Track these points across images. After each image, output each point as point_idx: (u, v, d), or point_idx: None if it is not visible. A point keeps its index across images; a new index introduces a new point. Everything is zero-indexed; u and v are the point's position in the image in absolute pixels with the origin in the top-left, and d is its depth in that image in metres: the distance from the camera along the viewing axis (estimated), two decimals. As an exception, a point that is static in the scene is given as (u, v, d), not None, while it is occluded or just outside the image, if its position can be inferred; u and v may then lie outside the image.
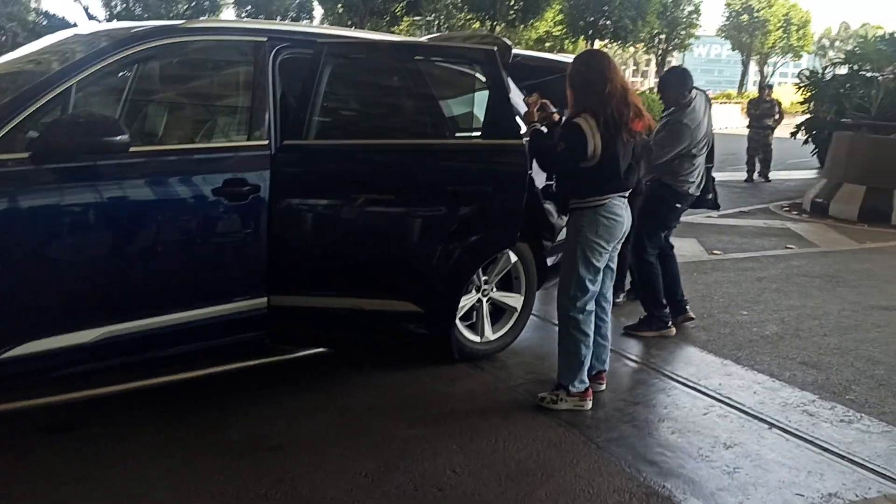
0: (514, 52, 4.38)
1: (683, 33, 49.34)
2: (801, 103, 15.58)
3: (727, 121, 30.40)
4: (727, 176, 13.39)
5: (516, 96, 4.07)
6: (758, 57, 63.11)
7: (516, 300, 4.36)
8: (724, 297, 5.93)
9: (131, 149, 3.04)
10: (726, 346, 4.75)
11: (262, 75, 3.50)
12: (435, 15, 40.26)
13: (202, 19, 5.67)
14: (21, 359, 2.90)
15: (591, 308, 3.67)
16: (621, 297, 5.46)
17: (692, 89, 4.71)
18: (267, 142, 3.45)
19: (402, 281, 3.60)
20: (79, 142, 2.91)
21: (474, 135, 4.06)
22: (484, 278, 4.16)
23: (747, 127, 14.05)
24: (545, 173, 3.83)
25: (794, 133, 15.17)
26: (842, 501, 2.99)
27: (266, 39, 3.55)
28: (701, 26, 52.14)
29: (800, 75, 15.82)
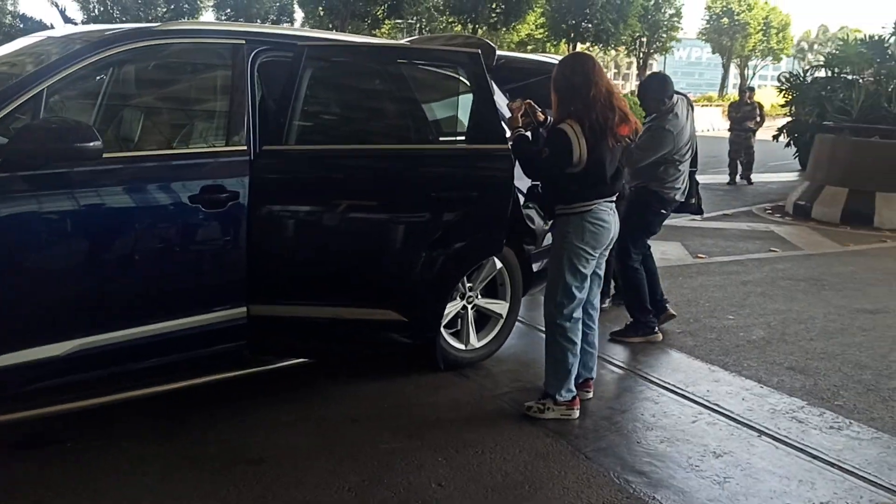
0: (497, 53, 4.33)
1: (665, 36, 49.57)
2: (783, 106, 15.65)
3: (709, 123, 30.62)
4: (709, 179, 13.42)
5: (500, 100, 4.00)
6: (738, 60, 63.56)
7: (501, 307, 4.30)
8: (710, 301, 5.90)
9: (105, 155, 2.95)
10: (713, 352, 4.71)
11: (241, 79, 3.41)
12: (417, 18, 40.19)
13: (178, 22, 5.56)
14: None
15: (578, 315, 3.61)
16: (607, 303, 5.41)
17: (673, 95, 4.66)
18: (245, 147, 3.36)
19: (385, 289, 3.52)
20: (50, 148, 2.81)
21: (458, 139, 4.00)
22: (469, 285, 4.09)
23: (729, 130, 14.10)
24: (529, 179, 3.76)
25: (776, 136, 15.24)
26: (834, 511, 2.95)
27: (244, 42, 3.47)
28: (682, 29, 52.49)
29: (780, 78, 15.90)
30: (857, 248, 8.36)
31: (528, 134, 3.59)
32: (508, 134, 3.58)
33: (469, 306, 4.14)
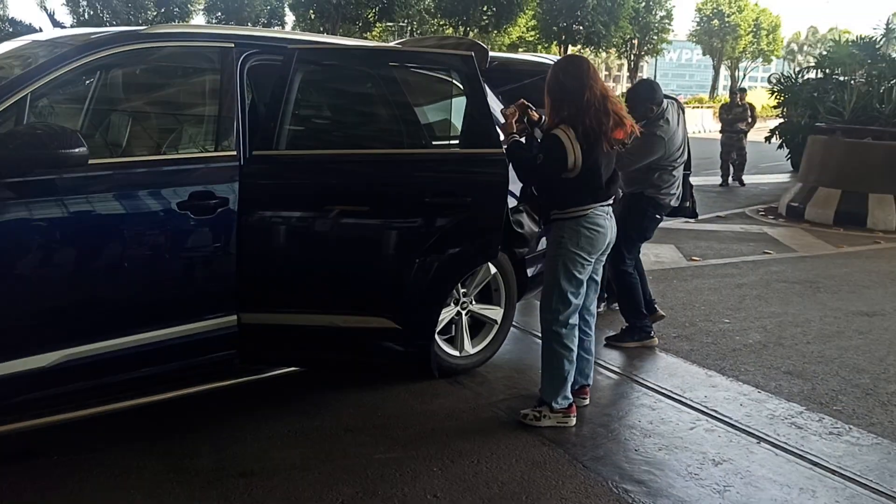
0: (490, 55, 4.27)
1: (656, 38, 49.66)
2: (775, 107, 15.66)
3: (700, 125, 30.68)
4: (702, 180, 13.38)
5: (494, 104, 3.94)
6: (728, 61, 63.78)
7: (496, 313, 4.24)
8: (706, 304, 5.86)
9: (91, 161, 2.88)
10: (710, 356, 4.67)
11: (230, 83, 3.35)
12: (408, 21, 40.15)
13: (166, 25, 5.44)
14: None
15: (574, 322, 3.55)
16: (602, 307, 5.36)
17: (662, 100, 4.59)
18: (235, 152, 3.30)
19: (378, 297, 3.45)
20: (34, 155, 2.75)
21: (452, 143, 3.94)
22: (463, 291, 4.03)
23: (720, 132, 14.10)
24: (523, 185, 3.71)
25: (768, 138, 15.24)
26: (836, 520, 2.91)
27: (233, 45, 3.40)
28: (673, 31, 52.60)
29: (770, 79, 15.90)
30: (850, 250, 8.34)
31: (523, 139, 3.53)
32: (503, 139, 3.52)
33: (463, 312, 4.08)
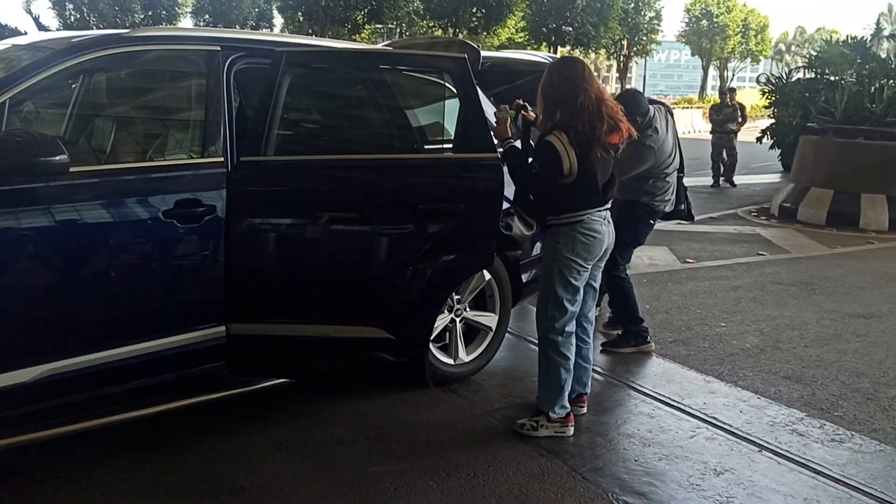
0: (483, 55, 4.19)
1: (645, 39, 49.73)
2: (766, 108, 15.63)
3: (690, 125, 30.73)
4: (693, 181, 13.32)
5: (487, 107, 3.86)
6: (717, 62, 63.96)
7: (491, 319, 4.16)
8: (701, 308, 5.80)
9: (72, 169, 2.79)
10: (707, 362, 4.60)
11: (216, 87, 3.26)
12: (397, 23, 40.03)
13: (150, 27, 5.32)
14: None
15: (570, 329, 3.47)
16: (596, 311, 5.27)
17: (647, 109, 4.49)
18: (222, 158, 3.21)
19: (371, 306, 3.36)
20: (12, 163, 2.66)
21: (445, 148, 3.84)
22: (457, 297, 3.95)
23: (711, 132, 14.06)
24: (522, 192, 3.62)
25: (759, 138, 15.22)
26: (842, 532, 2.84)
27: (220, 49, 3.31)
28: (662, 32, 52.70)
29: (759, 79, 15.89)
30: (844, 251, 8.30)
31: (518, 143, 3.45)
32: (496, 144, 3.44)
33: (457, 319, 4.00)
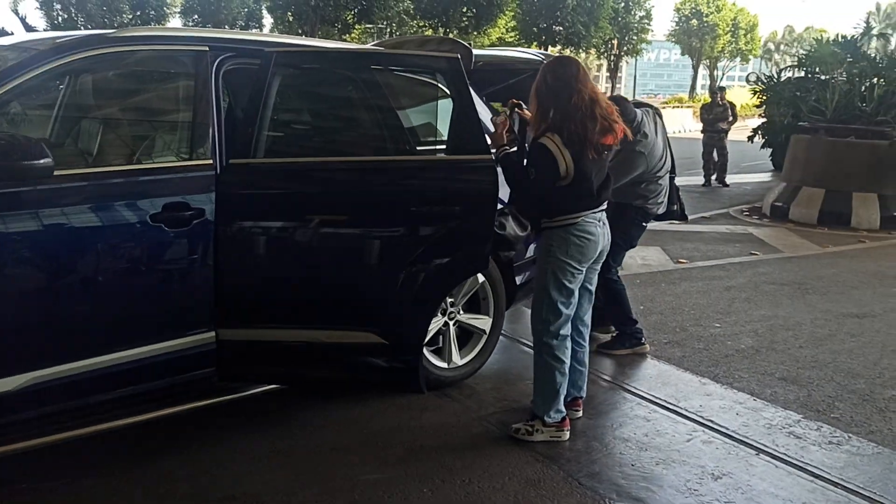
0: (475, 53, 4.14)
1: (635, 38, 49.78)
2: (757, 107, 15.64)
3: (680, 124, 30.76)
4: (685, 181, 13.32)
5: (481, 108, 3.81)
6: (707, 61, 64.11)
7: (485, 322, 4.11)
8: (695, 308, 5.76)
9: (57, 172, 2.73)
10: (703, 363, 4.57)
11: (205, 88, 3.20)
12: (387, 22, 39.92)
13: (136, 28, 5.21)
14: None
15: (565, 332, 3.43)
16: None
17: (634, 115, 4.42)
18: (211, 161, 3.15)
19: (363, 310, 3.31)
20: (-5, 166, 2.59)
21: (438, 149, 3.79)
22: (450, 300, 3.90)
23: (702, 132, 14.06)
24: (520, 199, 3.57)
25: (751, 137, 15.23)
26: (842, 537, 2.81)
27: (208, 49, 3.25)
28: (652, 31, 52.77)
29: (748, 78, 15.89)
30: (836, 250, 8.30)
31: (515, 149, 3.39)
32: (493, 152, 3.38)
33: (451, 322, 3.95)
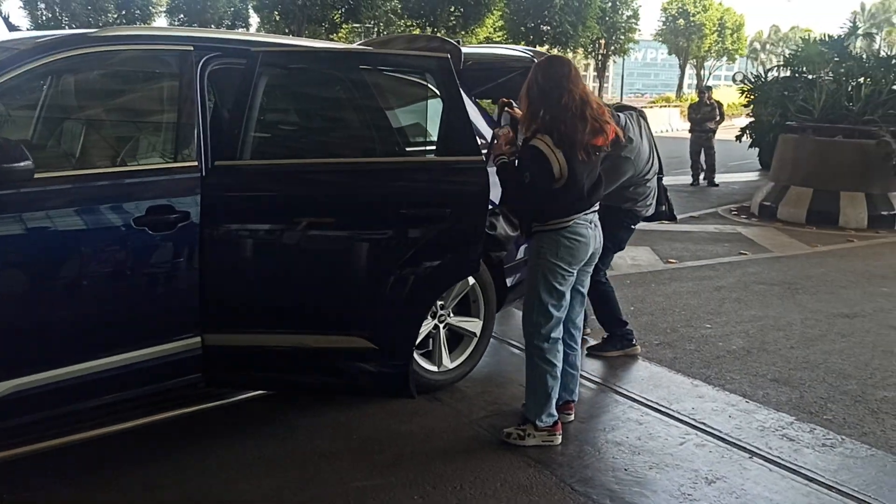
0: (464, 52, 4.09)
1: (623, 38, 49.84)
2: (745, 106, 15.67)
3: (668, 124, 30.85)
4: (673, 180, 13.34)
5: (472, 110, 3.76)
6: (694, 60, 64.30)
7: (475, 325, 4.07)
8: (686, 309, 5.74)
9: (38, 175, 2.67)
10: (694, 365, 4.54)
11: (189, 88, 3.14)
12: (374, 22, 39.80)
13: (119, 27, 5.13)
14: None
15: (556, 335, 3.39)
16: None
17: (618, 120, 4.37)
18: (196, 163, 3.09)
19: (352, 315, 3.25)
20: (-27, 170, 2.52)
21: (428, 151, 3.74)
22: (440, 303, 3.85)
23: (690, 131, 14.08)
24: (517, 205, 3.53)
25: (738, 137, 15.26)
26: (838, 542, 2.78)
27: (192, 48, 3.19)
28: (640, 30, 52.85)
29: (734, 78, 15.92)
30: (825, 249, 8.31)
31: (513, 160, 3.34)
32: (492, 162, 3.34)
33: (441, 325, 3.90)
